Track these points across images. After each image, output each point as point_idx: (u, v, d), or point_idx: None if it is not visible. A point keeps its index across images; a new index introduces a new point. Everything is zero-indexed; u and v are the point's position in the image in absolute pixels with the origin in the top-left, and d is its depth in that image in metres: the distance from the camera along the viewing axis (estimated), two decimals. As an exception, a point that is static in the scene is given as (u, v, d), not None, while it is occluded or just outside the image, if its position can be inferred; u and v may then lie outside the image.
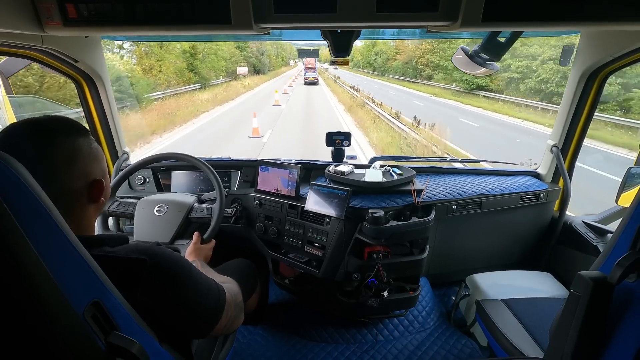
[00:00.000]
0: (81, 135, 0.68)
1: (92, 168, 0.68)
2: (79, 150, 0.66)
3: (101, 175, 0.71)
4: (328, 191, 1.44)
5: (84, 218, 0.69)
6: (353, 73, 45.94)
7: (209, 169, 1.38)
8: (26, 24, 0.91)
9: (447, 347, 1.55)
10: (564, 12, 0.87)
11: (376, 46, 39.74)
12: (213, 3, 0.90)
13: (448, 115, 14.35)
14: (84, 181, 0.67)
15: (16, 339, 0.42)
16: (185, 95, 16.49)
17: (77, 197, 0.66)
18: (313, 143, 8.43)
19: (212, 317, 0.76)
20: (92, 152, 0.69)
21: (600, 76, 1.46)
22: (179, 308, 0.69)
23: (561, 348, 0.72)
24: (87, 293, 0.50)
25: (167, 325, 0.68)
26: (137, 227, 1.33)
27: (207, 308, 0.75)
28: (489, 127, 12.47)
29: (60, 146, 0.64)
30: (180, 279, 0.70)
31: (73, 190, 0.65)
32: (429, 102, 19.50)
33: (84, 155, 0.67)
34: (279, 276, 1.76)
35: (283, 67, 55.77)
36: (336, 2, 0.90)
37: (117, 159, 1.73)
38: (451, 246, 1.76)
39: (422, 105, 17.67)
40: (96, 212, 0.73)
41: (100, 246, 0.66)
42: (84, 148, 0.67)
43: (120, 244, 0.70)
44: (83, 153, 0.67)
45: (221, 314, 0.78)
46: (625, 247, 0.64)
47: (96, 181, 0.69)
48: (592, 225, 1.64)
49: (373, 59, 42.47)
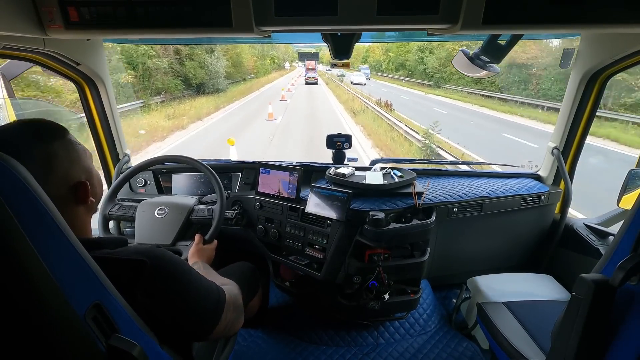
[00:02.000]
0: (56, 139, 0.65)
1: (73, 171, 0.66)
2: (55, 156, 0.63)
3: (86, 175, 0.68)
4: (329, 193, 1.44)
5: (76, 220, 0.68)
6: (374, 80, 34.00)
7: (210, 171, 1.38)
8: (28, 27, 0.92)
9: (448, 350, 1.54)
10: (564, 14, 0.87)
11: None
12: (214, 6, 0.90)
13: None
14: (65, 187, 0.65)
15: (18, 341, 0.42)
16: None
17: (62, 202, 0.63)
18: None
19: (211, 319, 0.76)
20: (70, 155, 0.66)
21: (601, 78, 1.46)
22: (179, 309, 0.69)
23: (563, 351, 0.71)
24: (88, 295, 0.50)
25: (167, 327, 0.68)
26: (139, 230, 1.33)
27: (206, 309, 0.75)
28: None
29: (32, 157, 0.60)
30: (180, 281, 0.70)
31: (56, 198, 0.60)
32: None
33: (61, 160, 0.64)
34: (280, 279, 1.75)
35: (274, 72, 43.18)
36: (337, 5, 0.90)
37: (118, 161, 1.73)
38: (452, 248, 1.76)
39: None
40: (89, 212, 0.72)
41: (99, 249, 0.66)
42: (60, 152, 0.64)
43: (119, 246, 0.70)
44: (60, 158, 0.64)
45: (221, 316, 0.77)
46: (627, 249, 0.64)
47: (80, 183, 0.67)
48: (593, 228, 1.63)
49: (416, 59, 27.49)
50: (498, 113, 15.58)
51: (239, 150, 7.51)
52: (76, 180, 0.66)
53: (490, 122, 13.36)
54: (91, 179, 0.70)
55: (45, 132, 0.64)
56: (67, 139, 0.67)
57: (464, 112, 16.09)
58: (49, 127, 0.66)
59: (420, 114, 14.28)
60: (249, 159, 1.83)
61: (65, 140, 0.67)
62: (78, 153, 0.68)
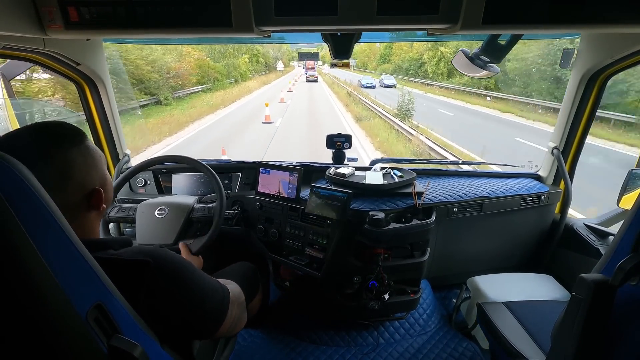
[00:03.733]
0: (75, 144, 0.64)
1: (90, 178, 0.65)
2: (73, 163, 0.62)
3: (100, 183, 0.68)
4: (329, 194, 1.44)
5: (86, 224, 0.68)
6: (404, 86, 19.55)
7: (210, 171, 1.38)
8: (28, 27, 0.92)
9: (448, 350, 1.54)
10: (564, 14, 0.87)
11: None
12: (214, 6, 0.90)
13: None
14: (81, 193, 0.64)
15: (19, 341, 0.42)
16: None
17: (76, 209, 0.64)
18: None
19: (217, 316, 0.76)
20: (87, 161, 0.65)
21: (601, 78, 1.46)
22: (184, 308, 0.69)
23: (563, 351, 0.71)
24: (90, 295, 0.50)
25: (173, 326, 0.68)
26: (139, 231, 1.33)
27: (212, 307, 0.75)
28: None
29: (50, 163, 0.59)
30: (184, 280, 0.70)
31: (71, 204, 0.62)
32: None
33: (79, 167, 0.63)
34: (280, 279, 1.75)
35: (258, 76, 29.58)
36: (337, 5, 0.90)
37: (118, 161, 1.73)
38: (452, 248, 1.76)
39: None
40: (99, 216, 0.72)
41: (105, 249, 0.66)
42: (78, 159, 0.63)
43: (124, 246, 0.70)
44: (78, 164, 0.63)
45: (226, 313, 0.78)
46: (627, 249, 0.64)
47: (95, 190, 0.66)
48: (593, 228, 1.63)
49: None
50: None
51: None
52: (92, 188, 0.66)
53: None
54: (105, 186, 0.70)
55: (64, 137, 0.63)
56: (85, 145, 0.66)
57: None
58: (67, 132, 0.65)
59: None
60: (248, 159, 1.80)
61: (84, 146, 0.66)
62: (95, 160, 0.67)
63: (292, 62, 50.15)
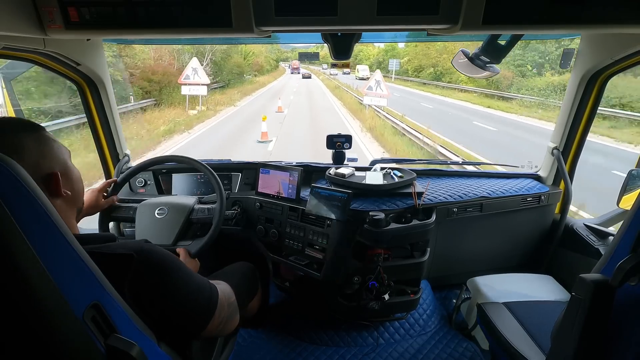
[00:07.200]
0: (26, 131, 0.67)
1: (44, 162, 0.67)
2: (24, 146, 0.65)
3: (60, 168, 0.70)
4: (329, 194, 1.44)
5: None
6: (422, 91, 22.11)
7: (210, 171, 1.38)
8: (28, 27, 0.92)
9: (448, 350, 1.54)
10: (564, 15, 0.87)
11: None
12: (214, 6, 0.90)
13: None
14: (34, 177, 0.65)
15: (16, 342, 0.42)
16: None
17: None
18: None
19: (204, 313, 0.76)
20: (40, 147, 0.68)
21: (601, 79, 1.46)
22: (168, 302, 0.69)
23: (563, 351, 0.71)
24: (86, 295, 0.50)
25: (159, 322, 0.68)
26: (139, 231, 1.33)
27: (198, 304, 0.75)
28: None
29: (3, 145, 0.63)
30: (169, 274, 0.70)
31: None
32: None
33: (30, 151, 0.66)
34: (280, 279, 1.75)
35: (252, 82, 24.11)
36: (337, 5, 0.90)
37: (118, 161, 1.73)
38: (452, 249, 1.76)
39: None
40: (70, 207, 0.73)
41: (86, 244, 0.66)
42: (30, 143, 0.66)
43: (107, 242, 0.70)
44: (29, 148, 0.66)
45: (214, 312, 0.78)
46: (627, 249, 0.64)
47: (51, 174, 0.68)
48: (593, 228, 1.63)
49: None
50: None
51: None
52: (46, 172, 0.67)
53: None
54: (67, 173, 0.72)
55: (15, 125, 0.67)
56: (39, 134, 0.69)
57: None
58: (19, 122, 0.69)
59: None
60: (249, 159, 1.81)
61: (37, 135, 0.68)
62: (51, 147, 0.70)
63: (281, 63, 44.95)
